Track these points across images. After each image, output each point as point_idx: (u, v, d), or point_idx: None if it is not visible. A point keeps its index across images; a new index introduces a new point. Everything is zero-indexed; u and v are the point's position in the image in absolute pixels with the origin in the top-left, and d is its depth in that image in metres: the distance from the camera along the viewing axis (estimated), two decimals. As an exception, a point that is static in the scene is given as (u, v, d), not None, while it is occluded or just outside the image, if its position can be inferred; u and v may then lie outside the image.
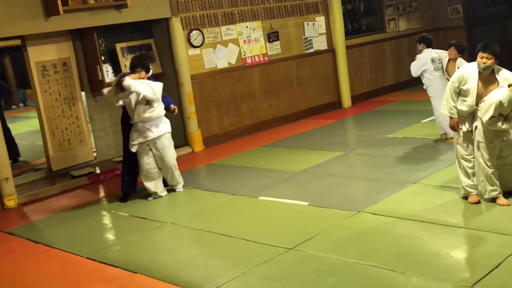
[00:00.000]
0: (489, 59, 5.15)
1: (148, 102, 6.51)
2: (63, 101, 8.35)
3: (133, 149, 6.64)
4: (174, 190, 6.98)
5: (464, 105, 5.32)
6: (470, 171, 5.43)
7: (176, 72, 8.98)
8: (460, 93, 5.34)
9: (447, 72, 7.64)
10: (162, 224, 5.96)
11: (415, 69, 7.84)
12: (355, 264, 4.46)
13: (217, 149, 9.22)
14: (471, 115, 5.35)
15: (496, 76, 5.23)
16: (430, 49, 7.79)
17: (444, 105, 5.48)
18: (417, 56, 7.92)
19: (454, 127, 5.45)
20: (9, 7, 7.20)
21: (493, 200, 5.32)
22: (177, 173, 6.92)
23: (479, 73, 5.24)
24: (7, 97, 10.28)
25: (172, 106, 6.93)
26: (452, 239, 4.71)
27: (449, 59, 7.55)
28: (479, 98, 5.22)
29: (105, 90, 6.84)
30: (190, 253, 5.13)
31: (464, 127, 5.40)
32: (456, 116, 5.40)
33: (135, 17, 8.38)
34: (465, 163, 5.45)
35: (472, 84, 5.24)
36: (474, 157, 5.43)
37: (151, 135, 6.61)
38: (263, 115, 10.22)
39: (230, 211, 6.22)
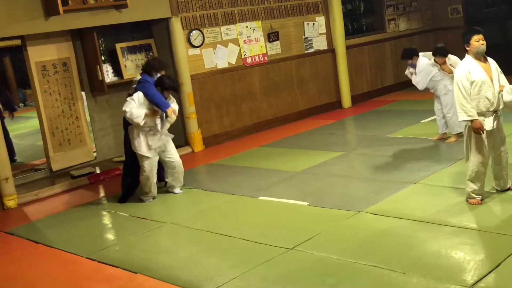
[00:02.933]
0: (484, 40, 5.21)
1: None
2: (63, 101, 8.36)
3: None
4: (173, 192, 6.98)
5: (488, 94, 5.13)
6: (482, 176, 5.30)
7: (176, 72, 8.98)
8: (473, 88, 5.14)
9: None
10: (162, 224, 5.96)
11: (423, 82, 7.63)
12: (355, 264, 4.46)
13: (217, 149, 9.22)
14: (494, 114, 5.19)
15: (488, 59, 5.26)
16: (421, 56, 7.70)
17: (460, 112, 5.19)
18: (411, 69, 7.76)
19: (479, 130, 5.14)
20: (9, 7, 7.20)
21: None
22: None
23: (477, 59, 5.22)
24: (7, 102, 10.20)
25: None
26: (452, 239, 4.71)
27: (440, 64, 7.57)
28: (493, 82, 5.16)
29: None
30: (190, 253, 5.13)
31: (488, 125, 5.18)
32: (477, 118, 5.13)
33: (135, 17, 8.38)
34: (481, 168, 5.27)
35: (480, 73, 5.16)
36: (488, 160, 5.34)
37: (164, 139, 6.72)
38: (263, 115, 10.23)
39: (230, 211, 6.22)
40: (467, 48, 5.25)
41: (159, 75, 6.72)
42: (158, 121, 6.54)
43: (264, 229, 5.48)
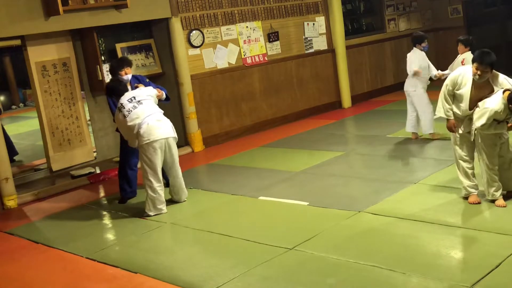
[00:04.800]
0: (485, 72, 5.08)
1: None
2: (63, 101, 8.36)
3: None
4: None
5: (459, 109, 5.34)
6: (469, 171, 5.42)
7: (176, 72, 8.98)
8: (455, 96, 5.34)
9: (452, 68, 7.68)
10: (162, 224, 5.95)
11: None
12: (355, 264, 4.46)
13: (217, 149, 9.22)
14: (468, 118, 5.33)
15: (491, 82, 5.18)
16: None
17: (439, 108, 5.46)
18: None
19: (451, 129, 5.43)
20: (9, 7, 7.20)
21: (492, 200, 5.32)
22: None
23: (473, 79, 5.22)
24: None
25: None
26: (452, 239, 4.71)
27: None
28: (472, 103, 5.21)
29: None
30: (190, 253, 5.13)
31: (461, 130, 5.38)
32: (452, 118, 5.38)
33: (135, 17, 8.39)
34: (464, 164, 5.44)
35: (466, 90, 5.23)
36: (473, 158, 5.43)
37: None
38: (263, 115, 10.23)
39: (230, 211, 6.22)
40: None
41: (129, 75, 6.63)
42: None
43: (264, 229, 5.48)
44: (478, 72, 5.09)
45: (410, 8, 13.08)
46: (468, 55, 7.46)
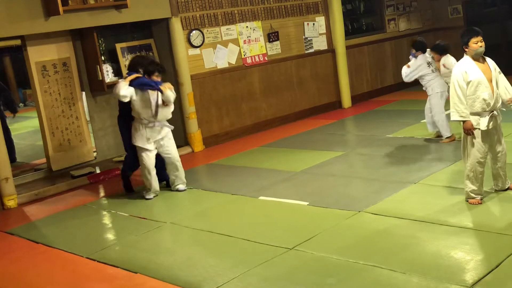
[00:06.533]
0: (482, 41, 5.21)
1: (164, 103, 6.63)
2: (63, 101, 8.36)
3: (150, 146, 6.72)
4: (177, 190, 6.99)
5: (483, 99, 5.14)
6: (480, 176, 5.31)
7: (176, 72, 8.98)
8: (469, 88, 5.16)
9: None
10: (162, 224, 5.96)
11: (409, 76, 7.84)
12: (355, 264, 4.46)
13: (217, 149, 9.22)
14: (490, 114, 5.19)
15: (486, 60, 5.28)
16: (425, 54, 7.77)
17: (453, 112, 5.24)
18: (411, 60, 7.87)
19: (470, 131, 5.21)
20: (9, 7, 7.20)
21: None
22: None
23: (474, 60, 5.22)
24: (8, 102, 10.20)
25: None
26: (452, 239, 4.71)
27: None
28: (490, 83, 5.17)
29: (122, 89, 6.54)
30: (190, 253, 5.13)
31: (483, 125, 5.19)
32: (469, 119, 5.19)
33: (135, 17, 8.39)
34: (479, 168, 5.28)
35: (477, 73, 5.17)
36: (486, 159, 5.36)
37: (163, 133, 6.72)
38: (263, 115, 10.23)
39: (230, 211, 6.22)
40: (466, 49, 5.28)
41: None
42: (153, 107, 6.57)
43: (264, 229, 5.48)
44: (479, 44, 5.19)
45: (410, 8, 13.08)
46: (447, 59, 7.62)
